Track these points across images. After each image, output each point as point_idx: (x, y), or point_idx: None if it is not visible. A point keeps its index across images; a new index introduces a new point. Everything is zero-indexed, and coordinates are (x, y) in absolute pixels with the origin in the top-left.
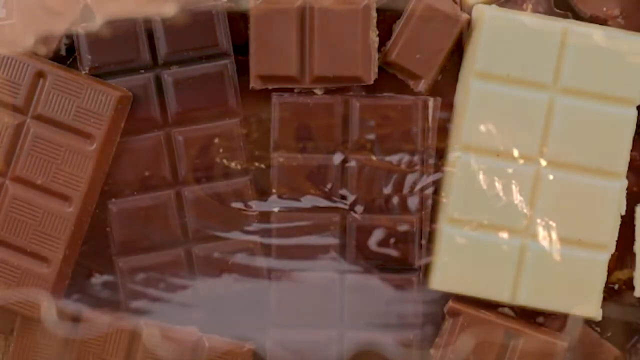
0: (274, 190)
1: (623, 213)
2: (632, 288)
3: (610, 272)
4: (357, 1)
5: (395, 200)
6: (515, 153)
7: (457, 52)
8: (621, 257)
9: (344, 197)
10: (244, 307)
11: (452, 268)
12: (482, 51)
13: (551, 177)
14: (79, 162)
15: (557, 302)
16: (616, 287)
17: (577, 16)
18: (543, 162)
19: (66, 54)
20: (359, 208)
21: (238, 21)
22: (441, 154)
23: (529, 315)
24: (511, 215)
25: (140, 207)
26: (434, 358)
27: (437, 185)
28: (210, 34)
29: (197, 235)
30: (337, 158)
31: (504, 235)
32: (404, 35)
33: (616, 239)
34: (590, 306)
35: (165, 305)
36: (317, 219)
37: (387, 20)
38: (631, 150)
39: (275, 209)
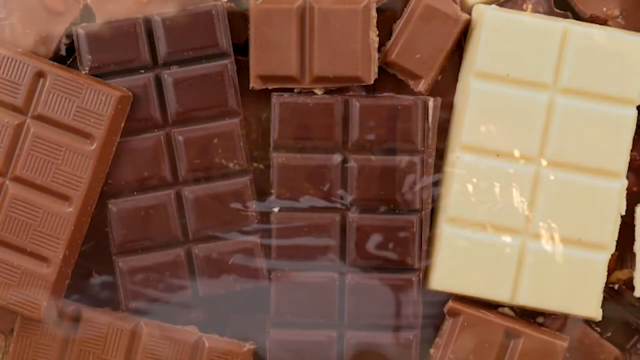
0: (273, 191)
1: (623, 213)
2: (632, 288)
3: (610, 272)
4: (357, 1)
5: (394, 200)
6: (516, 153)
7: (457, 52)
8: (621, 257)
9: (343, 198)
10: (244, 307)
11: (452, 268)
12: (482, 51)
13: (551, 177)
14: (79, 162)
15: (557, 302)
16: (616, 287)
17: (577, 16)
18: (543, 162)
19: (66, 54)
20: (359, 208)
21: (238, 21)
22: (441, 154)
23: (529, 315)
24: (511, 215)
25: (140, 207)
26: (434, 358)
27: (437, 186)
28: (210, 34)
29: (197, 235)
30: (337, 158)
31: (504, 235)
32: (404, 35)
33: (616, 239)
34: (590, 306)
35: (165, 305)
36: (316, 220)
37: (387, 20)
38: (631, 150)
39: (275, 209)
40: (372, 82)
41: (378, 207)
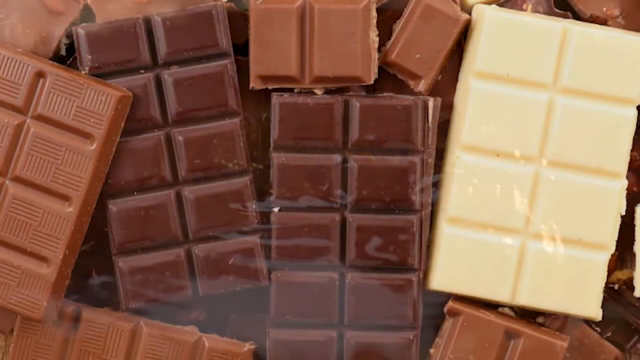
0: (273, 191)
1: (623, 213)
2: (632, 288)
3: (610, 272)
4: (357, 1)
5: (394, 200)
6: (516, 153)
7: (457, 52)
8: (621, 257)
9: (343, 198)
10: (244, 307)
11: (452, 268)
12: (482, 51)
13: (552, 177)
14: (79, 162)
15: (557, 302)
16: (616, 287)
17: (577, 16)
18: (543, 162)
19: (66, 54)
20: (359, 208)
21: (238, 21)
22: (441, 154)
23: (529, 315)
24: (511, 215)
25: (140, 207)
26: (434, 358)
27: (437, 186)
28: (210, 34)
29: (197, 235)
30: (337, 158)
31: (504, 235)
32: (404, 35)
33: (616, 239)
34: (590, 306)
35: (165, 305)
36: (316, 220)
37: (387, 20)
38: (631, 150)
39: (275, 209)
40: (372, 82)
41: (378, 207)
